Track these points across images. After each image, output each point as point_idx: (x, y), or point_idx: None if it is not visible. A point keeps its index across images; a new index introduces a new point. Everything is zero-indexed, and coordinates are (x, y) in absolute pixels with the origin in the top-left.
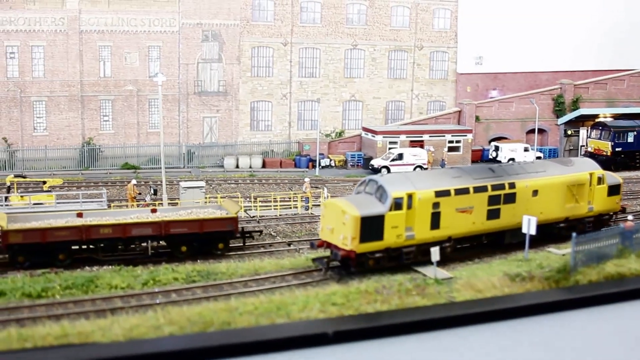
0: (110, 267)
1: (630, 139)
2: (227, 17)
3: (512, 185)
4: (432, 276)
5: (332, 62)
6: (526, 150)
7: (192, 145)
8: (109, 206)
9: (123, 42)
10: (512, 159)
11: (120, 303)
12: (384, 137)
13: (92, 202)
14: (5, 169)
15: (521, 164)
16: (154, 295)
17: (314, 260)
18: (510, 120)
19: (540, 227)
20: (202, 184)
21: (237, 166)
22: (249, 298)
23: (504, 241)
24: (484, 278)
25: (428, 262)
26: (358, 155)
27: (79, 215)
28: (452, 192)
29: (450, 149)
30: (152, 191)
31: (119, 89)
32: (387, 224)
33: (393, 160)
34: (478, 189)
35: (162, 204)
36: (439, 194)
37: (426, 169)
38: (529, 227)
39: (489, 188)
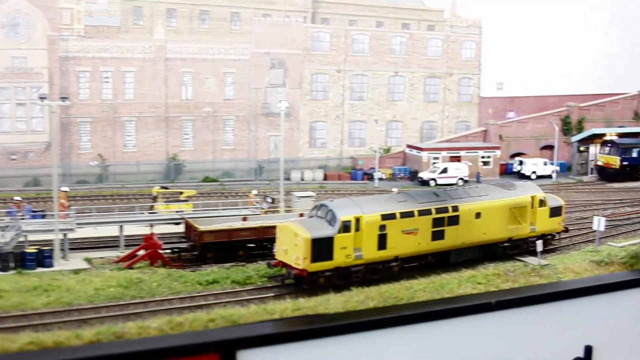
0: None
1: (635, 154)
2: (291, 47)
3: (455, 209)
4: (536, 264)
5: (377, 87)
6: (545, 164)
7: (261, 161)
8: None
9: (202, 68)
10: (534, 172)
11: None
12: (428, 153)
13: (247, 208)
14: (102, 181)
15: (465, 189)
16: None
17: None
18: (527, 138)
19: (485, 246)
20: (313, 194)
21: (302, 179)
22: (412, 281)
23: (450, 260)
24: (576, 264)
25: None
26: (403, 169)
27: (244, 219)
28: (398, 215)
29: (483, 164)
30: (269, 200)
31: (198, 110)
32: (336, 245)
33: (440, 173)
34: (422, 212)
35: (279, 210)
36: (385, 217)
37: (467, 181)
38: (599, 225)
39: (433, 211)
